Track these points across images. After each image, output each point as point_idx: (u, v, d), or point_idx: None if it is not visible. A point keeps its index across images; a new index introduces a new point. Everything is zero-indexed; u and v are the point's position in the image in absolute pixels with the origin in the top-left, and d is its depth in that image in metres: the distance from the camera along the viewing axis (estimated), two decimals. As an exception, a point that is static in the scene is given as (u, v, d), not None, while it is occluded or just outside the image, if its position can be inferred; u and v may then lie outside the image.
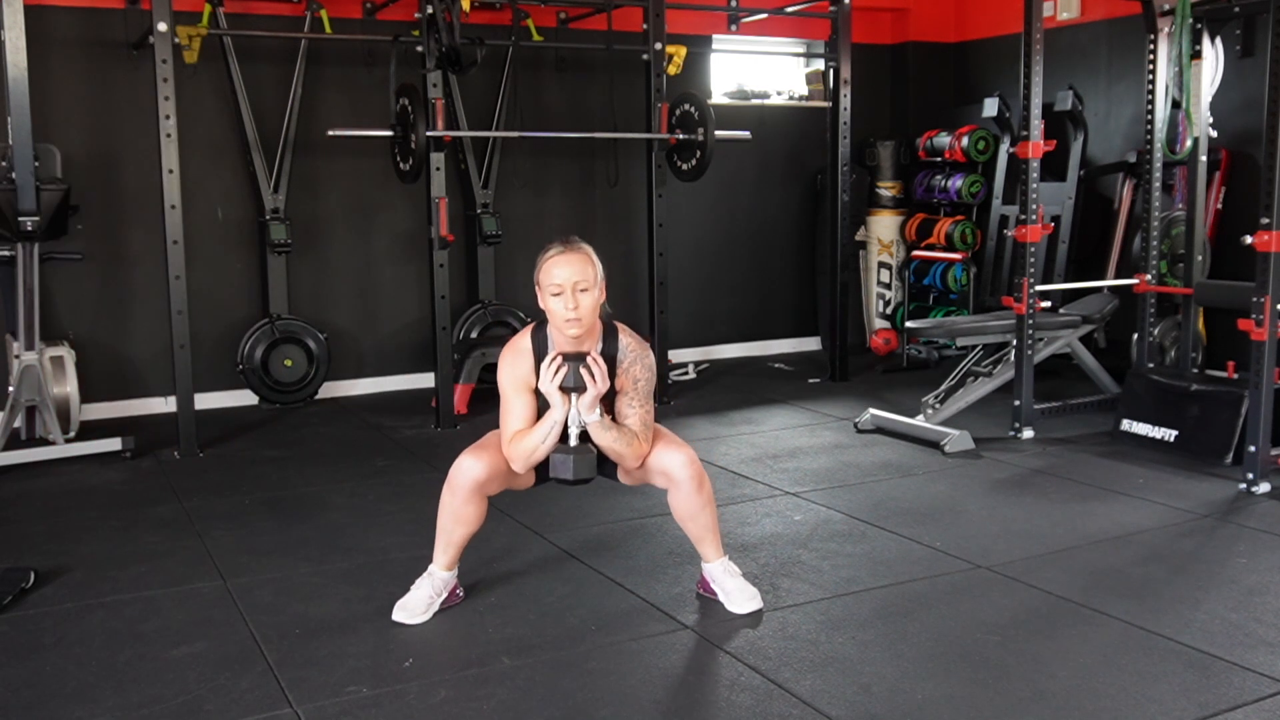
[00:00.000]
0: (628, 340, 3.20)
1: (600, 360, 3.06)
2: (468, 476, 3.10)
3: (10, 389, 5.04)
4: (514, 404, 3.16)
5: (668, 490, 3.20)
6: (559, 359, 3.04)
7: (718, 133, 6.00)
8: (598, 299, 3.08)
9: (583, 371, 3.02)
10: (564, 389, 3.04)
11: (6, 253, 5.08)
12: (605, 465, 3.26)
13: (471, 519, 3.16)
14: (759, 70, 7.91)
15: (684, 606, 3.29)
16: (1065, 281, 6.69)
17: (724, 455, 5.07)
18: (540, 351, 3.13)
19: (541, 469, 3.25)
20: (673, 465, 3.14)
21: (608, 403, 3.15)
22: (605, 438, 3.10)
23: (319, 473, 4.91)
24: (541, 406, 3.13)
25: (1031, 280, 5.23)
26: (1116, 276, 6.47)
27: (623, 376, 3.17)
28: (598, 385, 3.02)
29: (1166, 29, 5.44)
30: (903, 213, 7.80)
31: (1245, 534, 3.90)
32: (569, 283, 3.02)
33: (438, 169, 5.55)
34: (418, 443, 5.43)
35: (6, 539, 3.99)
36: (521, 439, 3.12)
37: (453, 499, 3.14)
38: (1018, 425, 5.32)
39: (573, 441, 3.08)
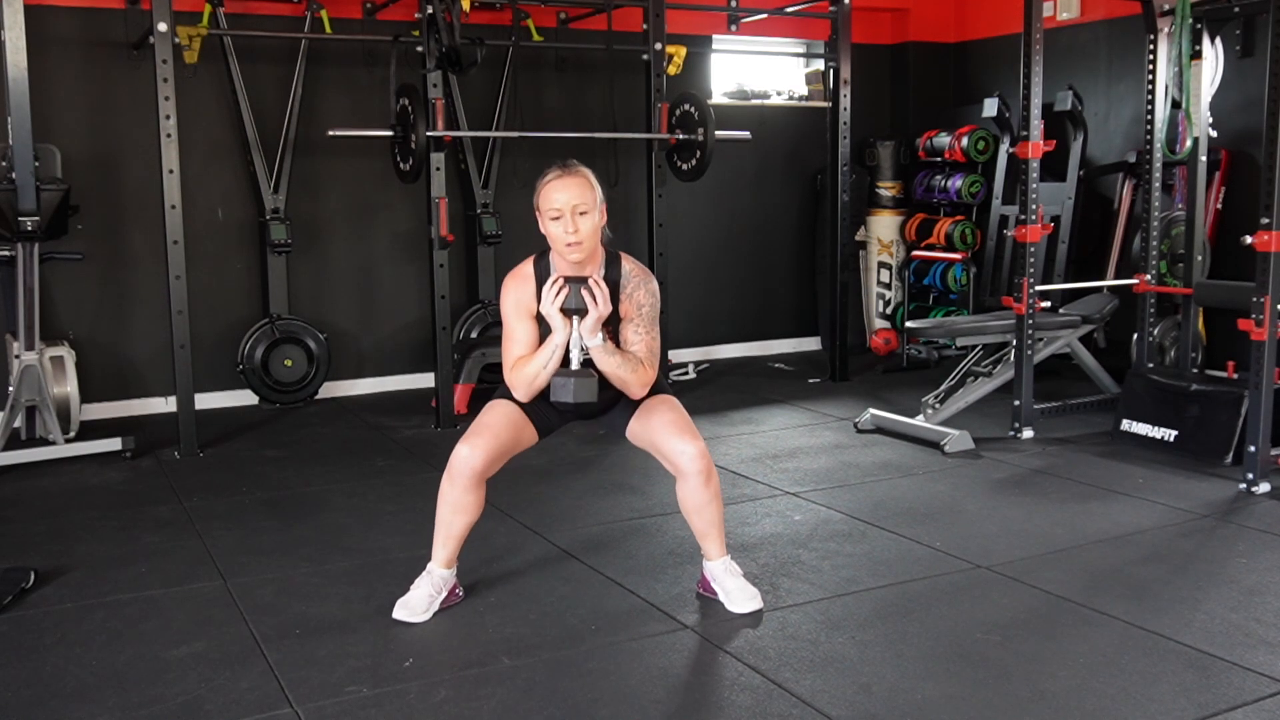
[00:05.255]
0: (630, 266, 3.19)
1: (602, 283, 3.04)
2: (467, 465, 3.09)
3: (10, 389, 5.04)
4: (517, 330, 3.15)
5: (676, 480, 3.20)
6: (560, 280, 3.02)
7: (718, 133, 6.00)
8: (598, 222, 3.07)
9: (584, 293, 2.99)
10: (565, 311, 3.02)
11: (6, 253, 5.08)
12: (613, 417, 3.25)
13: (472, 507, 3.15)
14: (759, 70, 7.91)
15: (684, 606, 3.29)
16: (1065, 281, 6.69)
17: (724, 455, 5.07)
18: (542, 277, 3.11)
19: (542, 420, 3.23)
20: (683, 457, 3.13)
21: (611, 330, 3.13)
22: (609, 363, 3.08)
23: (319, 473, 4.91)
24: (544, 334, 3.10)
25: (1031, 280, 5.23)
26: (1116, 276, 6.47)
27: (626, 302, 3.15)
28: (599, 307, 3.00)
29: (1166, 29, 5.44)
30: (903, 213, 7.80)
31: (1245, 534, 3.90)
32: (568, 206, 3.00)
33: (438, 169, 5.55)
34: (418, 443, 5.43)
35: (6, 539, 3.99)
36: (524, 365, 3.11)
37: (452, 488, 3.13)
38: (1018, 425, 5.32)
39: (575, 365, 3.05)
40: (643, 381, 3.12)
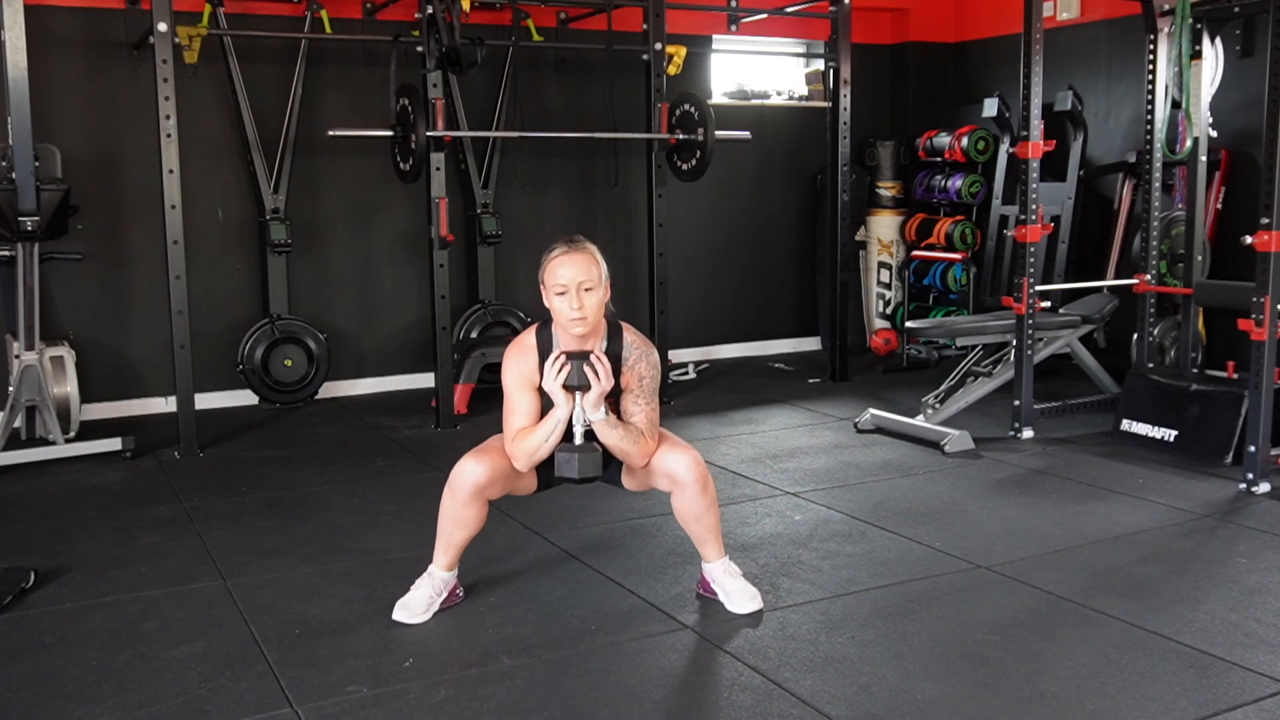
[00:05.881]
0: (632, 338, 3.20)
1: (604, 358, 3.05)
2: (468, 480, 3.09)
3: (10, 389, 5.04)
4: (518, 402, 3.16)
5: (671, 492, 3.20)
6: (562, 357, 3.03)
7: (718, 133, 6.00)
8: (602, 298, 3.08)
9: (586, 370, 3.01)
10: (568, 387, 3.04)
11: (6, 253, 5.08)
12: (609, 471, 3.26)
13: (471, 522, 3.16)
14: (759, 70, 7.91)
15: (684, 606, 3.29)
16: (1065, 281, 6.69)
17: (724, 455, 5.07)
18: (545, 349, 3.13)
19: (544, 474, 3.25)
20: (678, 467, 3.13)
21: (613, 401, 3.15)
22: (611, 436, 3.09)
23: (319, 473, 4.91)
24: (546, 405, 3.12)
25: (1031, 280, 5.23)
26: (1116, 276, 6.47)
27: (627, 374, 3.16)
28: (602, 383, 3.02)
29: (1166, 29, 5.44)
30: (903, 213, 7.80)
31: (1245, 534, 3.90)
32: (573, 282, 3.01)
33: (438, 169, 5.55)
34: (418, 443, 5.43)
35: (6, 539, 3.99)
36: (525, 437, 3.12)
37: (453, 502, 3.13)
38: (1018, 425, 5.31)
39: (577, 440, 3.08)
40: (644, 452, 3.14)
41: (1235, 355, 5.25)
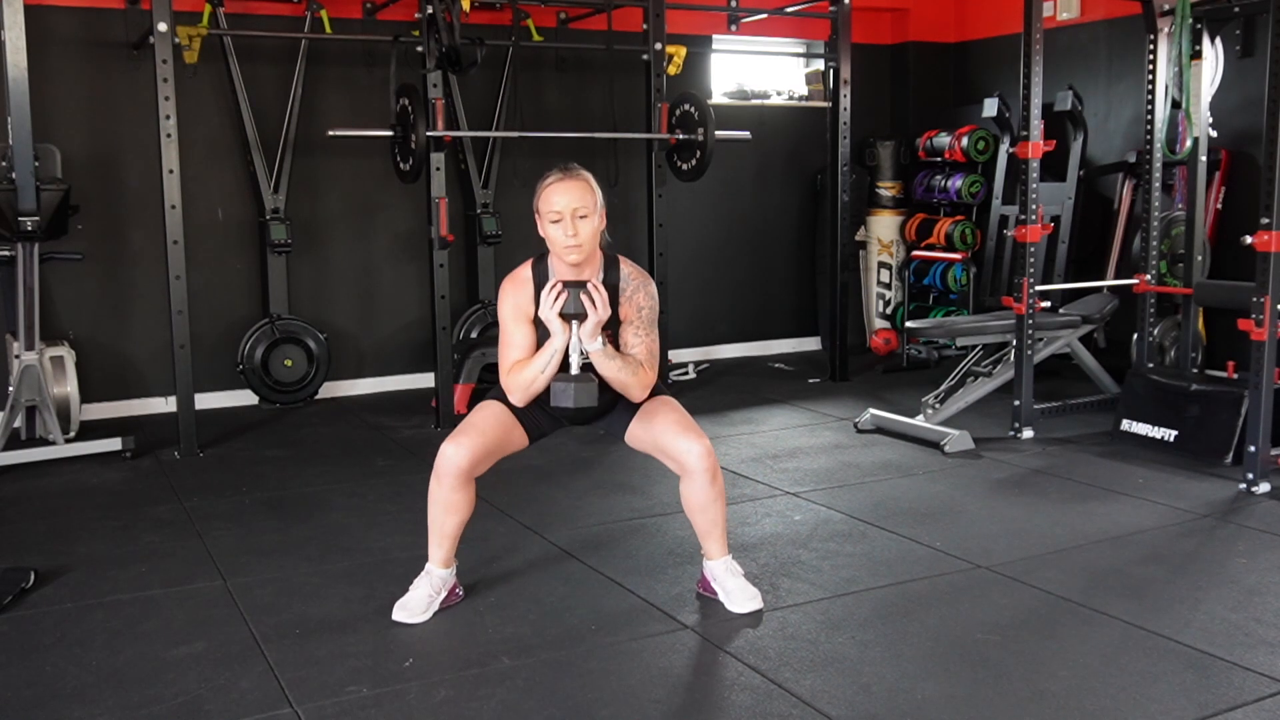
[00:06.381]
0: (629, 270, 3.19)
1: (601, 287, 3.03)
2: (452, 464, 3.08)
3: (10, 389, 5.04)
4: (514, 334, 3.14)
5: (680, 479, 3.19)
6: (559, 285, 3.00)
7: (718, 133, 6.00)
8: (597, 226, 3.07)
9: (583, 298, 2.98)
10: (564, 316, 3.00)
11: (6, 253, 5.07)
12: (612, 421, 3.24)
13: (462, 506, 3.15)
14: (759, 70, 7.91)
15: (684, 606, 3.29)
16: (1065, 281, 6.69)
17: (724, 455, 5.07)
18: (541, 281, 3.11)
19: (533, 426, 3.23)
20: (688, 455, 3.12)
21: (610, 334, 3.12)
22: (609, 367, 3.06)
23: (319, 473, 4.91)
24: (542, 338, 3.09)
25: (1031, 280, 5.23)
26: (1116, 276, 6.47)
27: (625, 305, 3.15)
28: (599, 312, 2.99)
29: (1166, 29, 5.44)
30: (903, 213, 7.80)
31: (1245, 534, 3.90)
32: (568, 209, 3.00)
33: (438, 169, 5.55)
34: (418, 443, 5.43)
35: (6, 539, 3.99)
36: (521, 369, 3.10)
37: (440, 488, 3.12)
38: (1018, 425, 5.31)
39: (574, 370, 3.04)
40: (643, 384, 3.12)
41: (1235, 355, 5.25)
